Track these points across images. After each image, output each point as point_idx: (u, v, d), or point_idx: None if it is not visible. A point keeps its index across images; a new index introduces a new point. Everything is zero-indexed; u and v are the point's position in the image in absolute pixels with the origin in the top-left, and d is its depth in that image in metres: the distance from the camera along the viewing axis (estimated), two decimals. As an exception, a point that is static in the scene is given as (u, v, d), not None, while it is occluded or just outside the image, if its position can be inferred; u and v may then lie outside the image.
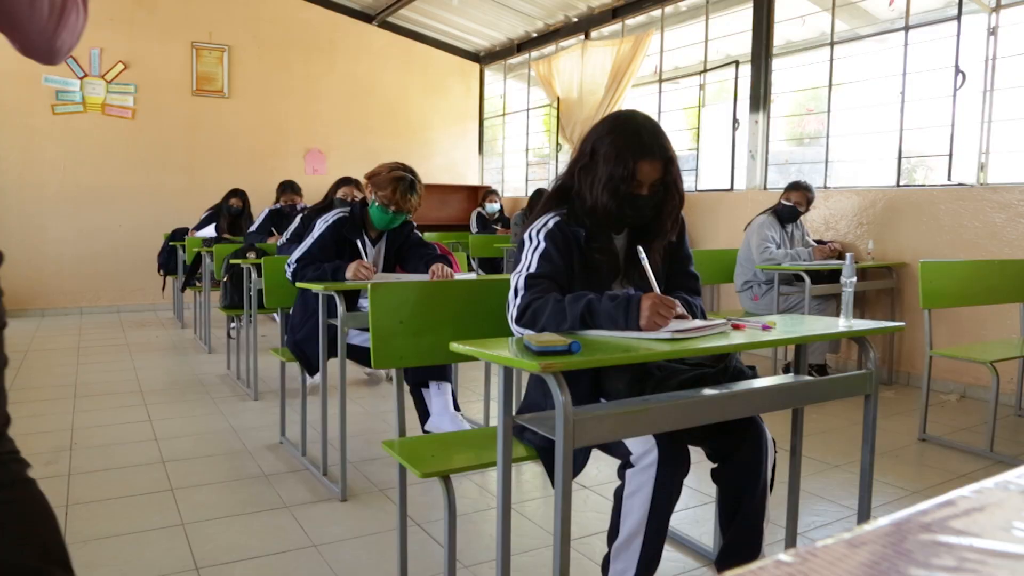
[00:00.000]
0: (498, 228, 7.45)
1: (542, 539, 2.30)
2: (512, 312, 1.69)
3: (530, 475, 2.87)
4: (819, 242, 4.70)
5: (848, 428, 3.52)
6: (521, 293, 1.69)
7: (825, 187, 5.10)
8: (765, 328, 1.60)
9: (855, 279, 1.71)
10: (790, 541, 1.94)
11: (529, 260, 1.73)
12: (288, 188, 5.57)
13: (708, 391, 1.58)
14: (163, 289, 7.15)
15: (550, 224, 1.76)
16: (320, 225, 2.96)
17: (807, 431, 2.08)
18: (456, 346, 1.45)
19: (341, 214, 3.01)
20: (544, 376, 1.26)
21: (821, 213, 4.96)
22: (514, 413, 1.55)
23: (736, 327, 1.60)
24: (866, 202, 4.75)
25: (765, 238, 4.34)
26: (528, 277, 1.70)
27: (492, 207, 7.50)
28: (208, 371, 4.69)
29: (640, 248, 1.73)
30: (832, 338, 1.64)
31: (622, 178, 1.67)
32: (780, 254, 4.29)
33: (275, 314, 5.51)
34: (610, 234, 1.81)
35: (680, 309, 1.59)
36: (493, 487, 2.73)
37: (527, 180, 8.52)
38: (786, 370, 4.40)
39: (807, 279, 4.06)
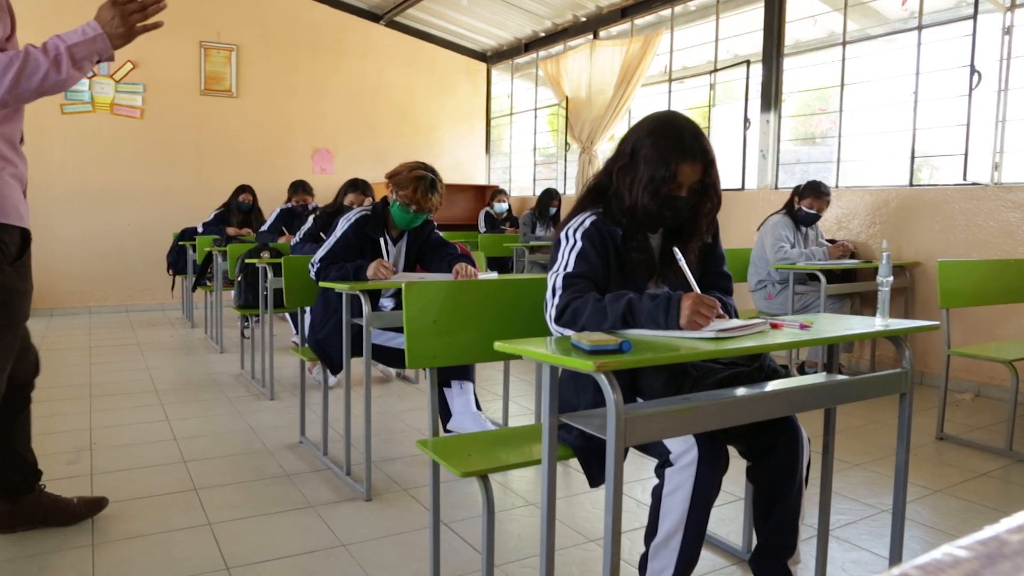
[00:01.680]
0: (506, 228, 7.45)
1: (570, 538, 2.30)
2: (551, 311, 1.70)
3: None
4: (831, 241, 4.70)
5: (865, 427, 3.52)
6: (559, 292, 1.69)
7: (836, 187, 5.10)
8: (803, 327, 1.61)
9: (891, 278, 1.71)
10: (822, 540, 1.94)
11: (566, 259, 1.74)
12: (300, 188, 5.59)
13: (749, 390, 1.58)
14: (172, 289, 7.14)
15: (587, 223, 1.76)
16: (343, 224, 2.97)
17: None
18: (500, 345, 1.45)
19: (363, 212, 3.02)
20: (595, 375, 1.26)
21: (833, 212, 4.95)
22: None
23: (775, 326, 1.61)
24: (879, 201, 4.75)
25: (779, 238, 4.33)
26: (566, 276, 1.70)
27: (500, 207, 7.49)
28: (222, 370, 4.69)
29: (676, 249, 1.73)
30: (871, 337, 1.64)
31: (663, 179, 1.67)
32: (795, 253, 4.29)
33: (286, 313, 5.50)
34: (647, 234, 1.81)
35: (720, 309, 1.60)
36: (516, 486, 2.74)
37: (535, 180, 8.52)
38: (800, 369, 4.40)
39: (823, 278, 4.06)
